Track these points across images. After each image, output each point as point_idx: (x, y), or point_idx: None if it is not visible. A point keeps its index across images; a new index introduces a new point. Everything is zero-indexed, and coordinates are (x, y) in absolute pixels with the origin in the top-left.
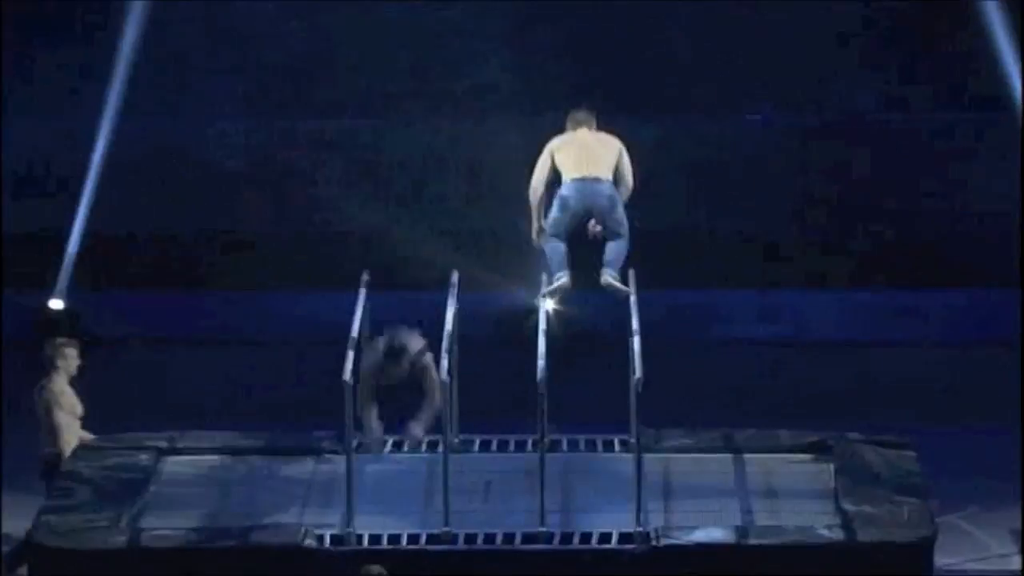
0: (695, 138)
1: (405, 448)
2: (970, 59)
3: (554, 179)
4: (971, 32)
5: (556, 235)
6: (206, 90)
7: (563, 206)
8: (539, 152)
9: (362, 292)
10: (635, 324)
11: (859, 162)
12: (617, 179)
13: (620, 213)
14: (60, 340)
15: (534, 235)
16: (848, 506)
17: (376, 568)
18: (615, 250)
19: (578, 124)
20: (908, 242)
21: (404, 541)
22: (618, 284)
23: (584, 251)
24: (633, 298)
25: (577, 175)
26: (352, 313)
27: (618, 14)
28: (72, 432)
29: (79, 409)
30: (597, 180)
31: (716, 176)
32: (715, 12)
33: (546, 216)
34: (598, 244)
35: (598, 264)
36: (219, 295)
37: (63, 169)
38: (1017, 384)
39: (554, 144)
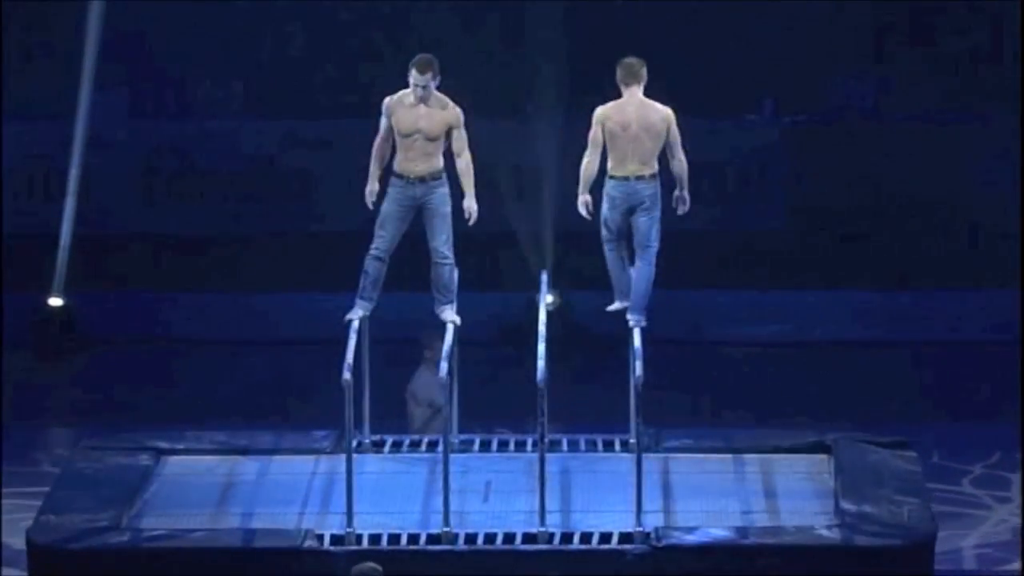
0: (695, 138)
1: (405, 448)
2: (970, 59)
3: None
4: (971, 31)
5: (612, 238)
6: (206, 90)
7: (612, 205)
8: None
9: None
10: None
11: (859, 162)
12: (668, 154)
13: (657, 214)
14: (432, 332)
15: (580, 205)
16: (848, 506)
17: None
18: (642, 288)
19: (630, 79)
20: (908, 242)
21: (404, 541)
22: (642, 325)
23: (589, 250)
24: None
25: (622, 174)
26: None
27: (618, 14)
28: (426, 424)
29: (438, 401)
30: (641, 179)
31: (716, 176)
32: (715, 12)
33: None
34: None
35: (601, 262)
36: (219, 295)
37: (63, 169)
38: (1017, 384)
39: (603, 117)
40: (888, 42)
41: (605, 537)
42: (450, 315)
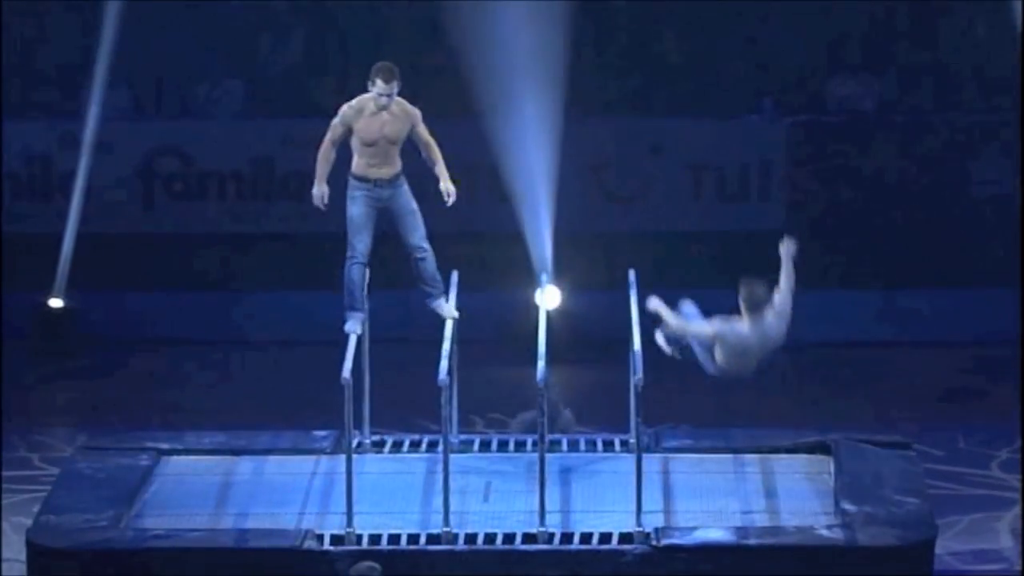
0: (695, 138)
1: (405, 448)
2: (970, 59)
3: None
4: (971, 31)
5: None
6: (206, 90)
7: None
8: None
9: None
10: (635, 324)
11: (859, 162)
12: None
13: None
14: None
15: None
16: (848, 506)
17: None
18: None
19: (758, 310)
20: (908, 242)
21: (404, 541)
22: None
23: (589, 250)
24: (634, 298)
25: (733, 372)
26: None
27: (618, 14)
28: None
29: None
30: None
31: (716, 176)
32: (715, 12)
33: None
34: (609, 246)
35: (605, 264)
36: (219, 295)
37: (63, 169)
38: (1017, 384)
39: (718, 331)
40: (888, 42)
41: (605, 537)
42: (448, 310)
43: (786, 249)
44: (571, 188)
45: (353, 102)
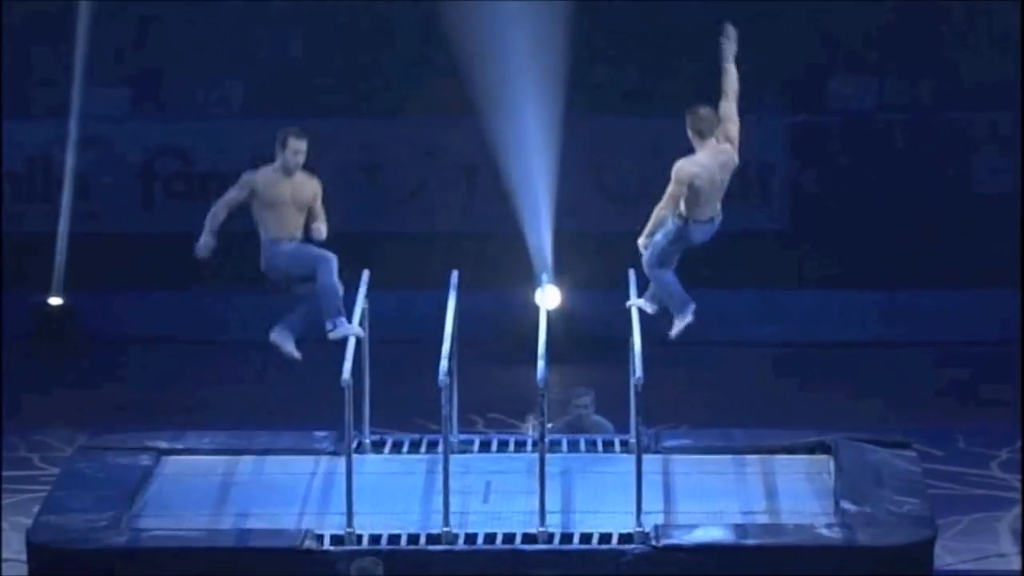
0: None
1: (405, 448)
2: (970, 58)
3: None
4: (971, 31)
5: (665, 264)
6: (206, 90)
7: (683, 243)
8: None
9: (362, 292)
10: (635, 324)
11: (859, 162)
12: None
13: None
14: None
15: (643, 240)
16: (848, 506)
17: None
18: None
19: (709, 133)
20: (908, 242)
21: (404, 541)
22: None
23: (589, 250)
24: (634, 298)
25: (706, 217)
26: (351, 313)
27: (618, 14)
28: None
29: None
30: (718, 215)
31: None
32: (715, 11)
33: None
34: (609, 246)
35: (605, 264)
36: (219, 295)
37: (63, 169)
38: (1017, 384)
39: (690, 173)
40: (888, 42)
41: (605, 537)
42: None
43: (726, 45)
44: (571, 188)
45: (258, 171)
